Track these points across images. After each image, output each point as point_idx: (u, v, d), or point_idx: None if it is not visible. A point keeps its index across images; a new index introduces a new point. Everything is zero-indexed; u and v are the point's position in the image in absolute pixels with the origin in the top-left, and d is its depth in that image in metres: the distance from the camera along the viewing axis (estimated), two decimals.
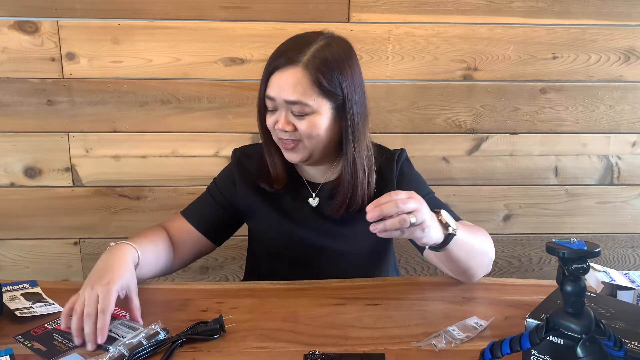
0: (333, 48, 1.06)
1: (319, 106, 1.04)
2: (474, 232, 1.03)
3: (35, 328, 0.91)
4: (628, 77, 1.63)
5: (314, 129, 1.04)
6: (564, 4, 1.57)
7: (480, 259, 1.03)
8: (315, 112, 1.04)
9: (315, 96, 1.03)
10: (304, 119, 1.04)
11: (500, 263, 1.76)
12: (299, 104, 1.02)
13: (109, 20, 1.52)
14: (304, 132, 1.04)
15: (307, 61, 1.02)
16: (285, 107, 1.04)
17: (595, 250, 0.66)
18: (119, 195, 1.65)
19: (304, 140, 1.06)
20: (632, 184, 1.72)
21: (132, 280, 0.94)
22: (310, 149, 1.07)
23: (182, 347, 0.85)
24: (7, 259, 1.68)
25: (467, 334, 0.89)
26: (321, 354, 0.81)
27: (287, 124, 1.04)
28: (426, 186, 1.19)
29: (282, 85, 1.02)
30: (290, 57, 1.03)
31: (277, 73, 1.03)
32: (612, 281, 1.00)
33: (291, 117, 1.04)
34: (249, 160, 1.19)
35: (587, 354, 0.65)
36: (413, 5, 1.55)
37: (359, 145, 1.09)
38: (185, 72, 1.57)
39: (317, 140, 1.06)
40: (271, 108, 1.06)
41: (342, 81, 1.05)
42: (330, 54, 1.05)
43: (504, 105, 1.63)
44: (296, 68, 1.02)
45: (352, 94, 1.06)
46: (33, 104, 1.57)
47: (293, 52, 1.04)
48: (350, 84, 1.06)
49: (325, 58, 1.04)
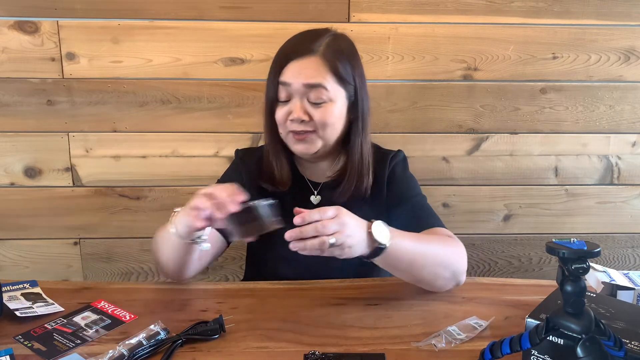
0: (343, 41, 1.10)
1: (335, 94, 1.06)
2: (432, 243, 1.00)
3: (35, 328, 0.91)
4: (628, 77, 1.63)
5: (330, 117, 1.05)
6: (564, 4, 1.57)
7: (434, 270, 0.99)
8: (331, 100, 1.05)
9: (332, 83, 1.05)
10: (320, 106, 1.05)
11: (500, 263, 1.76)
12: (319, 87, 1.03)
13: (109, 20, 1.52)
14: (320, 120, 1.05)
15: (323, 50, 1.05)
16: (301, 94, 1.04)
17: (595, 250, 0.66)
18: (119, 195, 1.65)
19: (318, 130, 1.06)
20: (632, 184, 1.72)
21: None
22: (323, 139, 1.08)
23: (182, 347, 0.86)
24: (7, 259, 1.68)
25: (467, 334, 0.89)
26: (321, 354, 0.82)
27: (303, 113, 1.04)
28: (416, 188, 1.19)
29: (300, 71, 1.03)
30: (305, 47, 1.05)
31: (293, 62, 1.04)
32: (612, 281, 1.00)
33: (307, 105, 1.05)
34: (252, 161, 1.19)
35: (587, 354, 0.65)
36: (413, 5, 1.55)
37: (366, 137, 1.12)
38: (185, 72, 1.56)
39: (330, 131, 1.07)
40: (284, 98, 1.06)
41: (354, 71, 1.08)
42: (342, 45, 1.09)
43: (504, 105, 1.63)
44: (313, 56, 1.04)
45: (362, 86, 1.10)
46: (33, 104, 1.57)
47: (307, 43, 1.05)
48: (360, 76, 1.10)
49: (339, 48, 1.08)
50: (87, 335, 0.89)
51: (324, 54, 1.05)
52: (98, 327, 0.92)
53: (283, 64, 1.05)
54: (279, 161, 1.13)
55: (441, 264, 0.99)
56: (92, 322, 0.94)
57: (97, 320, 0.94)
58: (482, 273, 1.76)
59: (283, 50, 1.08)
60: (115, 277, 1.71)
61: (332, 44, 1.07)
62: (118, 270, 1.71)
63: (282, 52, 1.07)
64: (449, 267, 1.01)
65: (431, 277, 1.00)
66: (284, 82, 1.05)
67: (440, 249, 1.00)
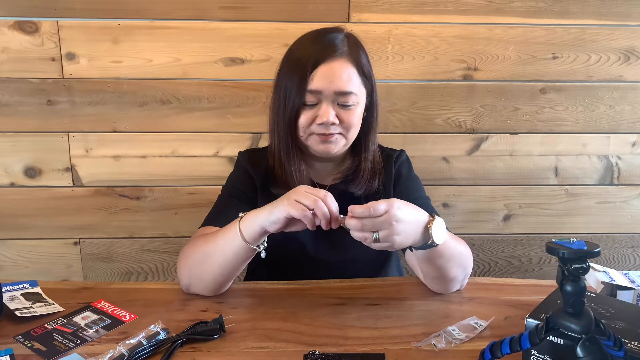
0: (355, 37, 1.10)
1: (360, 95, 1.06)
2: (460, 245, 1.01)
3: (35, 328, 0.91)
4: (628, 77, 1.63)
5: (355, 118, 1.06)
6: (564, 4, 1.57)
7: (457, 271, 1.00)
8: (358, 102, 1.06)
9: (359, 84, 1.05)
10: (349, 109, 1.04)
11: (500, 263, 1.76)
12: (350, 94, 1.03)
13: (109, 20, 1.52)
14: (349, 122, 1.05)
15: (348, 51, 1.04)
16: (331, 99, 1.03)
17: (595, 250, 0.66)
18: (119, 195, 1.65)
19: (346, 132, 1.06)
20: (632, 184, 1.72)
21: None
22: (347, 140, 1.08)
23: (182, 347, 0.85)
24: (7, 259, 1.68)
25: (467, 334, 0.89)
26: (321, 354, 0.81)
27: (334, 117, 1.03)
28: (421, 189, 1.19)
29: (332, 77, 1.01)
30: (330, 49, 1.02)
31: (323, 65, 1.02)
32: (612, 281, 1.00)
33: (336, 108, 1.04)
34: (257, 163, 1.17)
35: (587, 354, 0.65)
36: (413, 5, 1.55)
37: (376, 136, 1.13)
38: (185, 72, 1.56)
39: (354, 131, 1.08)
40: (311, 103, 1.04)
41: (371, 68, 1.09)
42: (358, 42, 1.09)
43: (504, 105, 1.63)
44: (343, 58, 1.03)
45: (375, 83, 1.10)
46: (33, 104, 1.57)
47: (329, 43, 1.03)
48: (373, 73, 1.10)
49: (359, 46, 1.08)
50: (87, 335, 0.89)
51: (351, 55, 1.04)
52: (98, 327, 0.92)
53: (309, 68, 1.01)
54: (296, 167, 1.09)
55: (461, 264, 1.01)
56: (92, 322, 0.94)
57: (97, 320, 0.94)
58: (482, 273, 1.76)
59: (305, 52, 1.03)
60: (115, 277, 1.71)
61: (353, 42, 1.06)
62: (118, 270, 1.71)
63: (305, 55, 1.03)
64: (465, 269, 1.03)
65: (454, 275, 1.01)
66: (314, 90, 1.02)
67: (461, 250, 1.01)
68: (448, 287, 1.03)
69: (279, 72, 1.09)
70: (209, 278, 1.00)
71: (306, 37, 1.08)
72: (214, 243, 0.98)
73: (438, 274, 1.00)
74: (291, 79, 1.03)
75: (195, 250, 1.01)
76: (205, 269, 0.99)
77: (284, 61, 1.09)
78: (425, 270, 1.02)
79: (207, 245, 0.99)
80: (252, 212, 0.95)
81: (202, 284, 1.01)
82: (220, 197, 1.17)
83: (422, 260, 0.97)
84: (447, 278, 1.01)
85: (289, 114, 1.05)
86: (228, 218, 1.02)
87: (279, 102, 1.06)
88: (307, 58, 1.02)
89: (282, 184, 1.09)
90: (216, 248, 0.97)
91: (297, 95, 1.03)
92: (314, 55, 1.02)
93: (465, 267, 1.02)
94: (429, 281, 1.04)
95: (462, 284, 1.05)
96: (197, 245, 1.01)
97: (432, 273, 1.01)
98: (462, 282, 1.05)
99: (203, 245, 1.00)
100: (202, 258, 0.99)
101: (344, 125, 1.04)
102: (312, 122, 1.04)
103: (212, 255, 0.98)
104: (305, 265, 1.13)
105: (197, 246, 1.01)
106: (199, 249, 1.00)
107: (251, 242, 0.94)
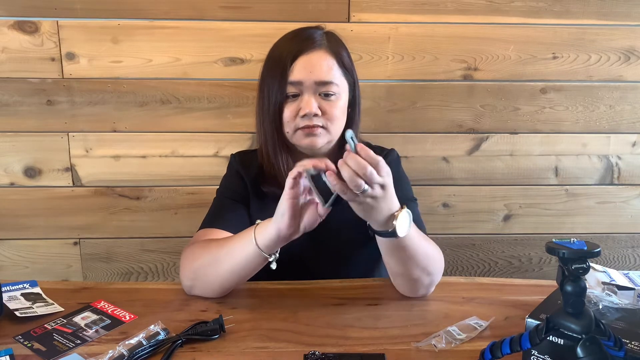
0: (335, 34, 1.12)
1: (342, 87, 1.07)
2: (429, 243, 0.99)
3: (35, 328, 0.91)
4: (628, 77, 1.63)
5: (339, 110, 1.06)
6: (564, 4, 1.57)
7: (420, 273, 0.97)
8: (339, 94, 1.06)
9: (339, 76, 1.06)
10: (330, 100, 1.05)
11: (500, 263, 1.76)
12: (330, 84, 1.04)
13: (109, 20, 1.52)
14: (331, 114, 1.05)
15: (327, 43, 1.06)
16: (312, 90, 1.04)
17: (595, 250, 0.66)
18: (118, 195, 1.65)
19: (328, 124, 1.06)
20: (632, 184, 1.72)
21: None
22: (330, 134, 1.08)
23: (182, 347, 0.85)
24: (7, 259, 1.68)
25: (467, 334, 0.89)
26: (321, 354, 0.81)
27: (316, 107, 1.03)
28: (409, 190, 1.19)
29: (311, 67, 1.03)
30: (309, 42, 1.04)
31: (302, 57, 1.03)
32: (612, 281, 1.00)
33: (318, 99, 1.05)
34: (249, 164, 1.18)
35: (587, 354, 0.65)
36: (413, 5, 1.55)
37: (358, 132, 1.14)
38: (185, 72, 1.56)
39: (337, 125, 1.08)
40: (293, 94, 1.04)
41: (352, 63, 1.10)
42: (338, 37, 1.10)
43: (504, 105, 1.63)
44: (321, 50, 1.05)
45: (357, 78, 1.11)
46: (33, 104, 1.57)
47: (307, 38, 1.06)
48: (355, 69, 1.11)
49: (340, 42, 1.09)
50: (87, 336, 0.89)
51: (330, 47, 1.06)
52: (98, 327, 0.92)
53: (289, 62, 1.03)
54: (284, 161, 1.09)
55: (425, 268, 0.97)
56: (92, 322, 0.94)
57: (97, 321, 0.94)
58: (482, 273, 1.76)
59: (284, 48, 1.06)
60: (115, 277, 1.71)
61: (332, 37, 1.09)
62: (118, 270, 1.71)
63: (285, 50, 1.05)
64: (430, 275, 0.99)
65: (415, 277, 0.97)
66: (295, 82, 1.03)
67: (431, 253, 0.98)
68: (412, 288, 1.00)
69: (261, 72, 1.11)
70: (215, 282, 0.99)
71: (285, 36, 1.11)
72: (226, 247, 0.97)
73: (400, 270, 0.97)
74: (273, 76, 1.06)
75: (204, 253, 1.00)
76: (213, 272, 0.98)
77: (265, 61, 1.11)
78: (388, 264, 0.99)
79: (218, 249, 0.98)
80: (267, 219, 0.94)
81: (207, 287, 1.01)
82: (216, 199, 1.19)
83: (386, 251, 0.95)
84: (410, 277, 0.98)
85: (272, 108, 1.06)
86: (225, 219, 1.04)
87: (263, 100, 1.08)
88: (286, 52, 1.05)
89: (272, 181, 1.11)
90: (228, 252, 0.97)
91: (279, 90, 1.04)
92: (293, 49, 1.04)
93: (431, 271, 0.98)
94: (394, 279, 1.02)
95: (428, 289, 1.02)
96: (206, 248, 1.00)
97: (394, 268, 0.98)
98: (428, 288, 1.02)
99: (214, 249, 0.99)
100: (210, 261, 0.98)
101: (326, 116, 1.05)
102: (296, 115, 1.05)
103: (223, 259, 0.97)
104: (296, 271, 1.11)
105: (206, 249, 1.00)
106: (208, 252, 0.99)
107: (264, 250, 0.92)
